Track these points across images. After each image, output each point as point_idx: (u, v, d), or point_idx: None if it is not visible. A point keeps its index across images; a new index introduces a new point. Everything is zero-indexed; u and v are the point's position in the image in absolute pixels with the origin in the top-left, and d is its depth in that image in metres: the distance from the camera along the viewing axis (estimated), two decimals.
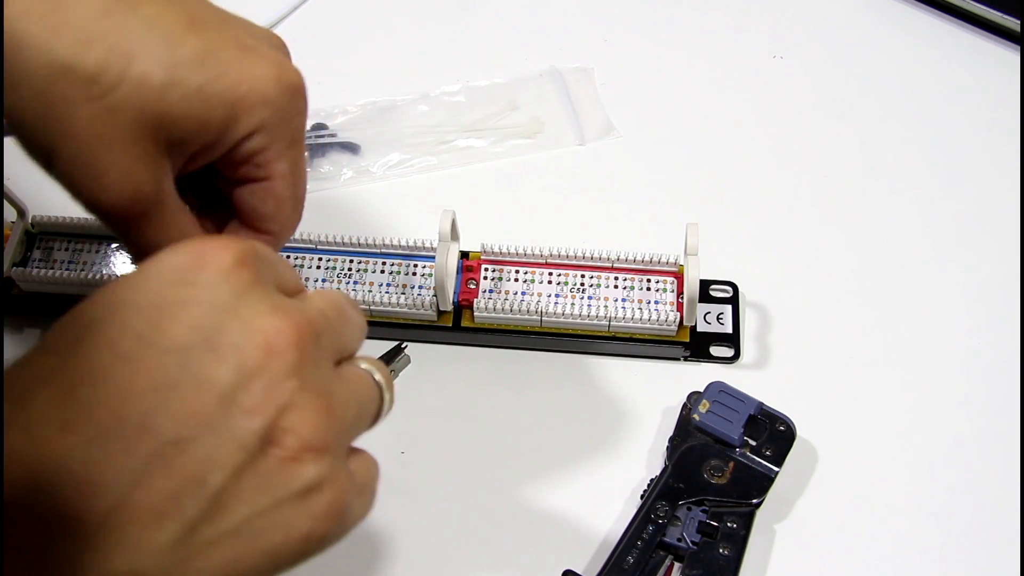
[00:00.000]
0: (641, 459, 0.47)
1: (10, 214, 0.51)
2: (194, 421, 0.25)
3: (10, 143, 0.37)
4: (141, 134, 0.30)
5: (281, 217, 0.35)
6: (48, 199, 0.56)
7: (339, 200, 0.56)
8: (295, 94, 0.33)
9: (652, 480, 0.45)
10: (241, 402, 0.25)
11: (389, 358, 0.49)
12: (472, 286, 0.50)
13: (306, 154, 0.56)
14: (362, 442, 0.47)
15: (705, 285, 0.51)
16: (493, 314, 0.48)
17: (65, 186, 0.31)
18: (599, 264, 0.49)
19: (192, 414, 0.25)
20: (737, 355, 0.50)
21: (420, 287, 0.49)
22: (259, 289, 0.27)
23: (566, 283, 0.49)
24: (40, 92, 0.29)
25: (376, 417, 0.31)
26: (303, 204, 0.35)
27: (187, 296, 0.26)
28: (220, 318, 0.26)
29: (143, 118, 0.30)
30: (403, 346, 0.49)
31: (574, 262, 0.49)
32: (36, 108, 0.29)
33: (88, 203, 0.31)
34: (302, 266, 0.50)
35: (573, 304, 0.48)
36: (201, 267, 0.27)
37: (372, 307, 0.49)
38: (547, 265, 0.50)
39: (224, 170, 0.34)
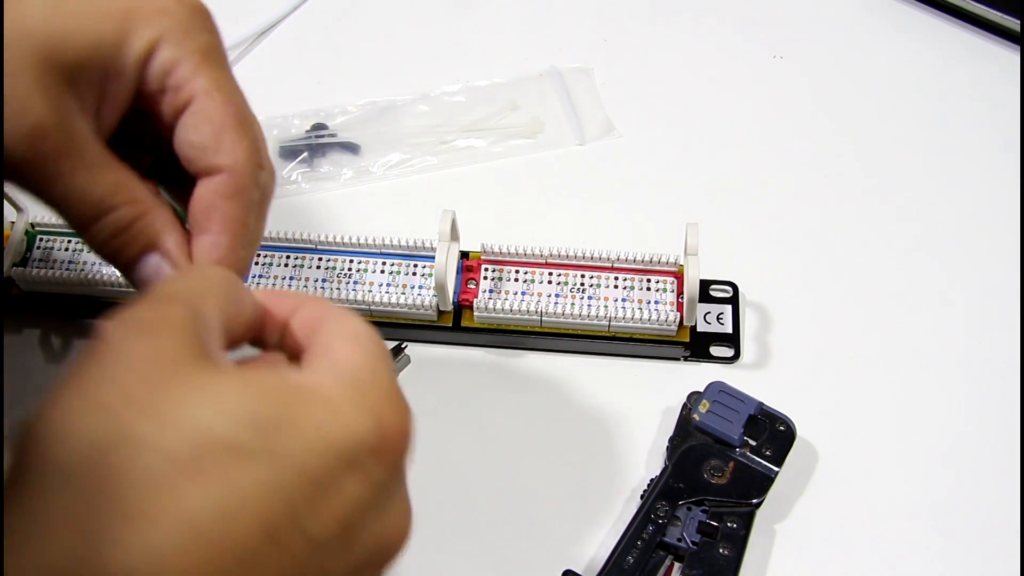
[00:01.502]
0: (641, 459, 0.47)
1: (10, 214, 0.51)
2: None
3: None
4: (29, 63, 0.26)
5: (225, 145, 0.29)
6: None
7: (339, 200, 0.56)
8: (195, 9, 0.29)
9: (652, 480, 0.45)
10: None
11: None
12: (472, 286, 0.50)
13: (304, 154, 0.56)
14: None
15: (705, 285, 0.51)
16: (493, 314, 0.48)
17: None
18: (599, 264, 0.49)
19: None
20: (737, 355, 0.50)
21: (420, 287, 0.49)
22: (397, 481, 0.27)
23: (566, 283, 0.49)
24: None
25: None
26: (251, 133, 0.29)
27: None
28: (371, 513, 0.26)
29: (28, 44, 0.26)
30: (403, 346, 0.49)
31: (574, 262, 0.49)
32: None
33: (4, 161, 0.27)
34: (303, 266, 0.50)
35: (573, 304, 0.48)
36: (374, 453, 0.26)
37: (372, 307, 0.49)
38: (547, 265, 0.50)
39: (151, 111, 0.30)
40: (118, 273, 0.50)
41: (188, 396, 0.22)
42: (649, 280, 0.49)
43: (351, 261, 0.50)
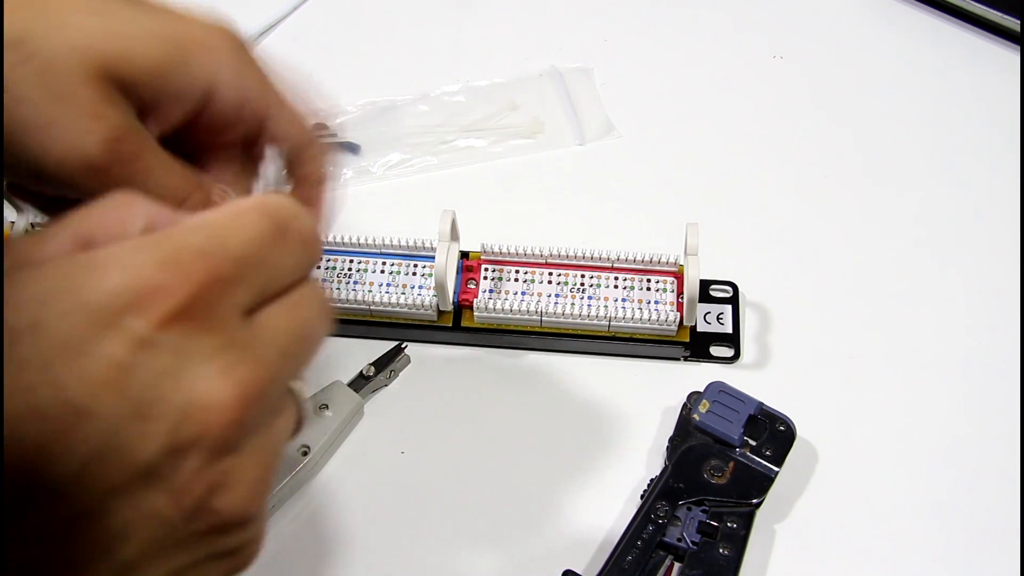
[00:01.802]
0: (641, 459, 0.47)
1: (10, 214, 0.51)
2: (113, 494, 0.22)
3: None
4: (88, 76, 0.28)
5: (308, 156, 0.35)
6: None
7: (339, 200, 0.56)
8: (241, 41, 0.32)
9: (652, 480, 0.45)
10: (169, 481, 0.23)
11: (389, 358, 0.49)
12: (472, 286, 0.50)
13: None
14: (363, 443, 0.48)
15: (705, 285, 0.51)
16: (493, 314, 0.48)
17: (34, 167, 0.28)
18: (599, 264, 0.49)
19: (112, 489, 0.22)
20: (737, 355, 0.50)
21: (420, 287, 0.49)
22: (207, 340, 0.23)
23: (566, 283, 0.49)
24: None
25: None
26: (319, 145, 0.35)
27: (121, 354, 0.22)
28: (155, 381, 0.22)
29: (81, 58, 0.28)
30: (403, 346, 0.49)
31: (574, 262, 0.49)
32: None
33: (65, 168, 0.28)
34: None
35: (573, 304, 0.48)
36: (139, 310, 0.22)
37: (372, 307, 0.49)
38: (547, 265, 0.50)
39: (232, 145, 0.33)
40: None
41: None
42: (649, 280, 0.49)
43: (351, 261, 0.50)
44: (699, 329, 0.50)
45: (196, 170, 0.33)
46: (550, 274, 0.50)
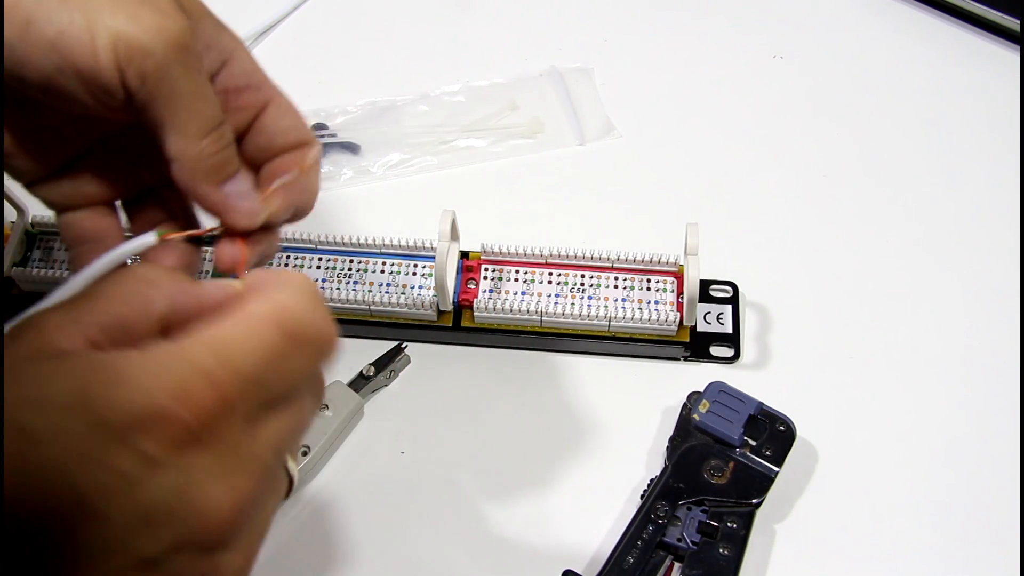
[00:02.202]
0: (641, 459, 0.47)
1: (10, 214, 0.51)
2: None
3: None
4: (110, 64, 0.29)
5: (307, 129, 0.35)
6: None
7: (339, 200, 0.56)
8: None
9: (652, 480, 0.45)
10: (165, 570, 0.25)
11: (389, 358, 0.49)
12: (472, 286, 0.50)
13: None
14: (363, 443, 0.48)
15: (705, 285, 0.51)
16: (493, 314, 0.48)
17: (122, 49, 0.29)
18: (599, 264, 0.49)
19: (114, 572, 0.24)
20: (737, 355, 0.50)
21: (420, 287, 0.49)
22: (210, 458, 0.25)
23: (566, 283, 0.49)
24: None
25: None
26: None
27: (132, 469, 0.24)
28: (163, 495, 0.24)
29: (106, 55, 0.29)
30: (403, 346, 0.49)
31: (574, 262, 0.49)
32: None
33: (154, 42, 0.29)
34: (302, 266, 0.50)
35: (573, 304, 0.48)
36: (149, 433, 0.24)
37: (372, 307, 0.49)
38: (547, 265, 0.50)
39: (235, 120, 0.34)
40: None
41: (10, 385, 0.24)
42: (649, 280, 0.49)
43: (351, 261, 0.50)
44: (699, 329, 0.50)
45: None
46: (550, 274, 0.50)
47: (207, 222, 0.34)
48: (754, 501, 0.43)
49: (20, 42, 0.29)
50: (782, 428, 0.45)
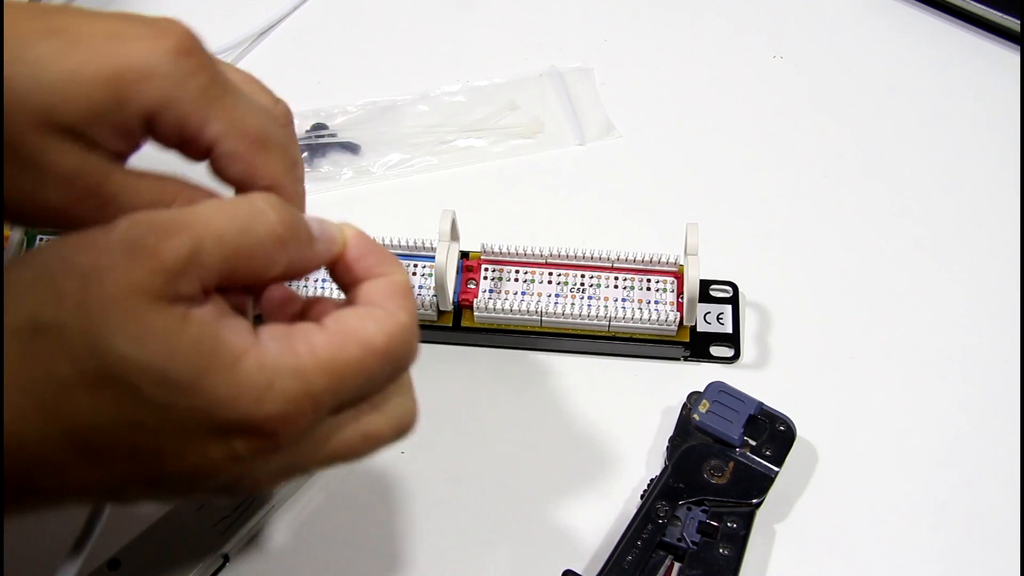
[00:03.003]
0: (641, 459, 0.47)
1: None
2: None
3: None
4: (33, 127, 0.29)
5: (260, 171, 0.32)
6: None
7: (339, 200, 0.56)
8: (180, 52, 0.30)
9: (652, 480, 0.45)
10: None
11: None
12: (472, 286, 0.50)
13: (304, 154, 0.56)
14: None
15: (705, 285, 0.51)
16: (493, 314, 0.48)
17: (20, 214, 0.30)
18: (599, 264, 0.49)
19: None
20: (737, 355, 0.50)
21: (420, 287, 0.49)
22: (284, 455, 0.28)
23: (566, 283, 0.49)
24: None
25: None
26: (275, 148, 0.32)
27: (218, 460, 0.27)
28: (237, 474, 0.28)
29: (26, 109, 0.29)
30: None
31: (574, 262, 0.49)
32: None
33: (40, 215, 0.30)
34: None
35: (573, 304, 0.48)
36: (247, 438, 0.27)
37: None
38: (547, 265, 0.50)
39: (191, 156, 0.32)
40: None
41: (122, 327, 0.25)
42: (649, 280, 0.49)
43: None
44: (699, 329, 0.50)
45: (165, 177, 0.32)
46: (550, 274, 0.50)
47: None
48: (754, 501, 0.43)
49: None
50: (782, 428, 0.45)
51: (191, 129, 0.31)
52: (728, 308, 0.51)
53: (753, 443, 0.45)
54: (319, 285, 0.49)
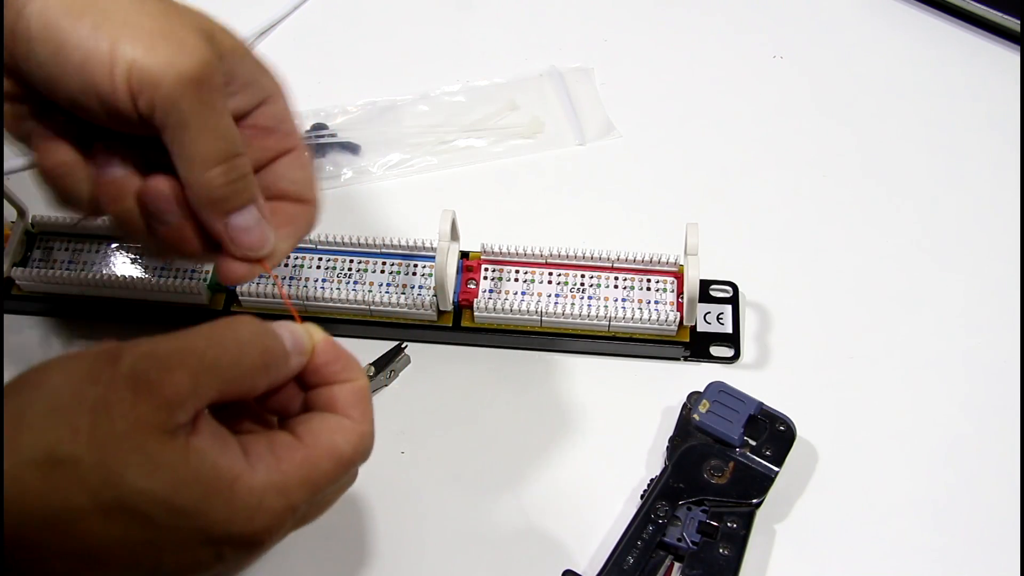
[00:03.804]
0: (641, 459, 0.47)
1: (10, 214, 0.51)
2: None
3: (9, 146, 0.37)
4: (193, 27, 0.32)
5: (313, 186, 0.37)
6: (48, 199, 0.56)
7: (339, 200, 0.56)
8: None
9: (652, 480, 0.45)
10: None
11: (389, 358, 0.49)
12: (472, 286, 0.50)
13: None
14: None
15: (705, 285, 0.51)
16: (493, 314, 0.48)
17: (135, 79, 0.31)
18: (599, 264, 0.49)
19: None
20: (737, 355, 0.50)
21: (420, 287, 0.49)
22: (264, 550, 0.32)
23: (566, 283, 0.49)
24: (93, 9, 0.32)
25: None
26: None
27: (205, 560, 0.31)
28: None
29: (196, 24, 0.33)
30: (403, 346, 0.49)
31: (574, 262, 0.49)
32: (92, 18, 0.32)
33: (167, 75, 0.31)
34: (303, 266, 0.50)
35: (573, 304, 0.48)
36: (235, 546, 0.31)
37: (372, 307, 0.49)
38: (547, 265, 0.50)
39: (259, 155, 0.36)
40: (117, 273, 0.50)
41: (132, 460, 0.28)
42: (649, 280, 0.49)
43: (351, 261, 0.50)
44: (699, 329, 0.50)
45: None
46: (550, 274, 0.50)
47: None
48: (754, 501, 0.43)
49: (52, 64, 0.32)
50: (782, 428, 0.45)
51: (287, 126, 0.36)
52: (728, 308, 0.51)
53: (753, 443, 0.45)
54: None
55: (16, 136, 0.36)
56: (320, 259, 0.50)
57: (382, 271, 0.50)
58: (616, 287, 0.49)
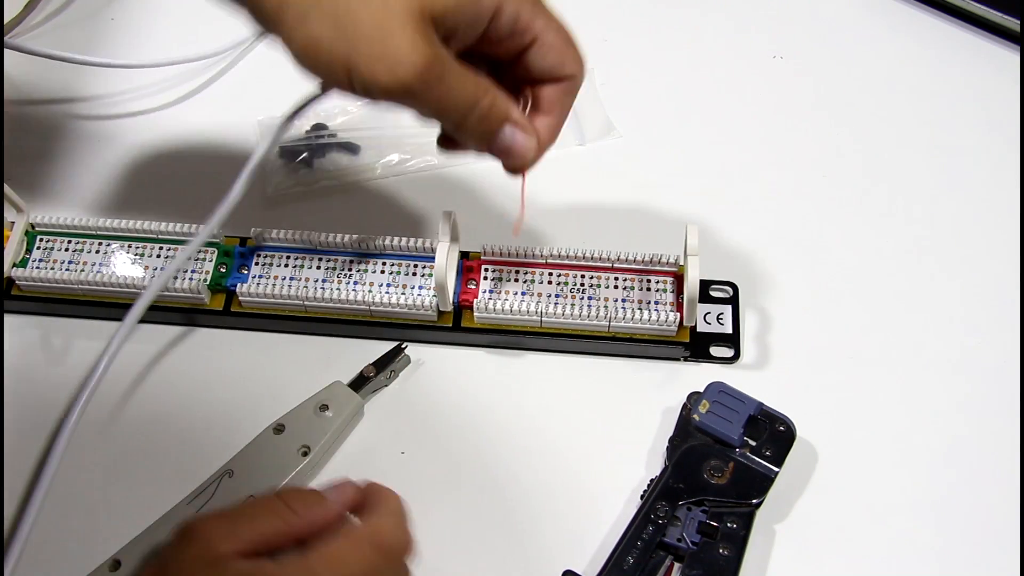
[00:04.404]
0: (641, 459, 0.47)
1: (10, 214, 0.51)
2: None
3: (9, 145, 0.37)
4: (408, 18, 0.35)
5: (568, 59, 0.40)
6: (48, 199, 0.56)
7: (339, 200, 0.56)
8: None
9: (652, 480, 0.45)
10: None
11: (389, 358, 0.49)
12: (472, 286, 0.50)
13: (304, 154, 0.57)
14: (363, 443, 0.48)
15: (705, 285, 0.51)
16: (493, 314, 0.48)
17: (366, 88, 0.36)
18: (599, 264, 0.49)
19: None
20: (737, 355, 0.50)
21: (420, 287, 0.49)
22: None
23: (566, 283, 0.49)
24: (332, 16, 0.36)
25: None
26: (577, 49, 0.40)
27: None
28: None
29: (411, 8, 0.35)
30: (403, 346, 0.49)
31: (574, 262, 0.49)
32: (330, 30, 0.36)
33: (391, 86, 0.36)
34: (303, 266, 0.50)
35: (573, 304, 0.48)
36: None
37: (372, 307, 0.49)
38: (547, 265, 0.50)
39: (506, 55, 0.39)
40: (117, 273, 0.50)
41: None
42: (649, 280, 0.49)
43: (351, 261, 0.50)
44: (699, 329, 0.50)
45: (484, 75, 0.39)
46: (550, 274, 0.50)
47: None
48: (754, 501, 0.43)
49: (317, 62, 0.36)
50: (782, 428, 0.45)
51: (523, 22, 0.38)
52: (728, 308, 0.51)
53: (753, 443, 0.45)
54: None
55: None
56: (320, 259, 0.50)
57: (382, 271, 0.50)
58: (616, 287, 0.49)
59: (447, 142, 0.42)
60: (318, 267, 0.50)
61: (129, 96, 0.60)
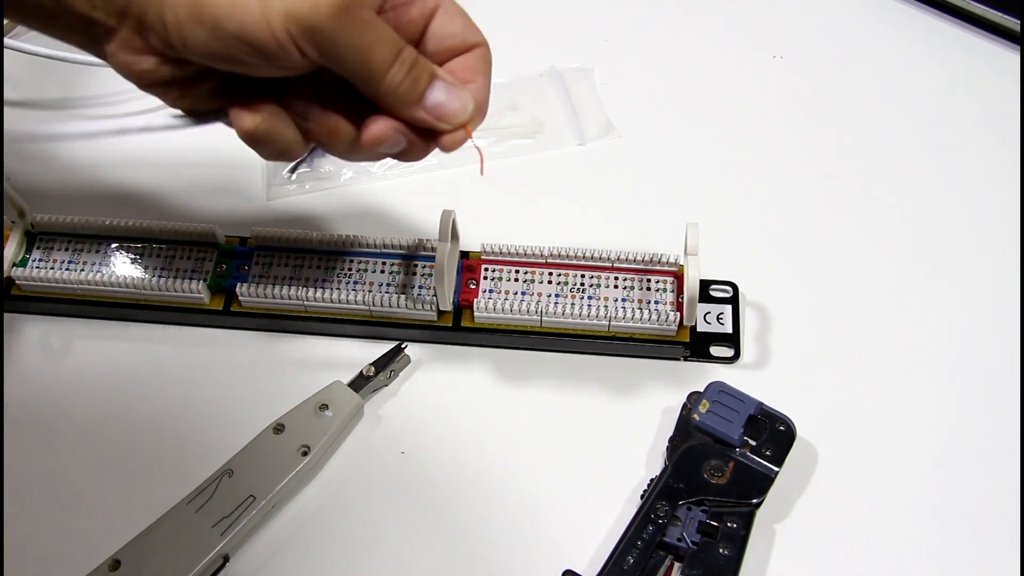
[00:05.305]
0: (641, 459, 0.47)
1: (10, 214, 0.51)
2: None
3: (9, 145, 0.37)
4: None
5: (471, 28, 0.39)
6: (48, 199, 0.56)
7: (339, 200, 0.56)
8: None
9: (652, 480, 0.45)
10: None
11: (389, 358, 0.49)
12: (472, 286, 0.50)
13: (304, 154, 0.57)
14: (363, 443, 0.48)
15: (705, 285, 0.51)
16: (493, 314, 0.48)
17: (284, 25, 0.33)
18: (599, 264, 0.49)
19: None
20: (737, 355, 0.50)
21: (420, 287, 0.49)
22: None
23: (566, 283, 0.49)
24: None
25: None
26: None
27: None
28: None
29: None
30: (403, 346, 0.49)
31: (574, 262, 0.49)
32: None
33: (310, 18, 0.33)
34: (303, 266, 0.50)
35: (573, 304, 0.48)
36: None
37: (372, 307, 0.49)
38: (547, 265, 0.50)
39: (411, 26, 0.38)
40: (117, 273, 0.50)
41: None
42: (649, 280, 0.49)
43: (351, 261, 0.50)
44: (699, 329, 0.50)
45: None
46: (550, 274, 0.50)
47: None
48: (754, 501, 0.43)
49: (212, 41, 0.34)
50: (782, 428, 0.45)
51: None
52: (728, 308, 0.51)
53: (753, 443, 0.45)
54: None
55: (208, 116, 0.39)
56: (320, 259, 0.50)
57: (382, 271, 0.50)
58: (616, 287, 0.49)
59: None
60: (318, 267, 0.50)
61: (129, 96, 0.60)
